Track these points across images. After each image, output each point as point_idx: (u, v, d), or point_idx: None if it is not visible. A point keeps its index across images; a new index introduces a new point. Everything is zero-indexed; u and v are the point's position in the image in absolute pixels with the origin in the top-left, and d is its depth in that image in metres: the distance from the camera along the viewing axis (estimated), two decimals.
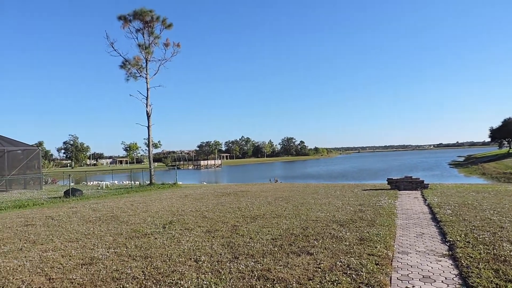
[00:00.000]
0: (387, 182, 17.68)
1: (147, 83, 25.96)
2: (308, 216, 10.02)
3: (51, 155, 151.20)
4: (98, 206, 14.47)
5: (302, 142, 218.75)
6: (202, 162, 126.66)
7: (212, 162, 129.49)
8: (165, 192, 20.22)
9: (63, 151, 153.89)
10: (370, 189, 17.18)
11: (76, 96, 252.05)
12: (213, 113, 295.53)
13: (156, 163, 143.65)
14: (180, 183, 26.93)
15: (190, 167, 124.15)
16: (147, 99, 25.96)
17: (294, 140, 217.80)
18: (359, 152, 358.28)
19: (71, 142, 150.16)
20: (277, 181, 35.55)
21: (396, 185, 17.13)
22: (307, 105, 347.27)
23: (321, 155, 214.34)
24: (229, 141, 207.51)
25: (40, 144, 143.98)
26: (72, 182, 32.46)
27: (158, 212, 11.93)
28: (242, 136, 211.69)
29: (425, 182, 16.92)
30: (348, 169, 74.75)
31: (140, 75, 25.99)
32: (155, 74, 26.99)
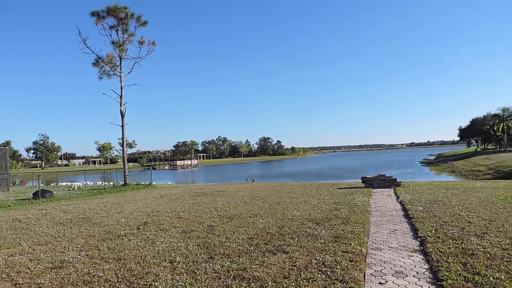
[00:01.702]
0: (361, 180, 18.00)
1: (121, 81, 25.35)
2: (284, 215, 10.06)
3: (20, 155, 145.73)
4: (69, 208, 14.05)
5: (279, 141, 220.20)
6: (178, 162, 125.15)
7: (189, 162, 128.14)
8: (139, 193, 19.86)
9: (32, 151, 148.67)
10: (345, 188, 17.45)
11: (47, 93, 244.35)
12: (190, 112, 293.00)
13: (131, 163, 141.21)
14: (156, 183, 26.53)
15: (166, 167, 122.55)
16: (121, 98, 25.35)
17: (271, 140, 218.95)
18: (334, 151, 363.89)
19: (41, 142, 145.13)
20: (254, 180, 35.59)
21: (370, 183, 17.47)
22: (285, 106, 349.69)
23: (298, 155, 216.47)
24: (205, 141, 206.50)
25: (7, 143, 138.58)
26: (42, 183, 31.48)
27: (133, 213, 11.70)
28: (219, 136, 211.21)
29: (397, 180, 17.34)
30: (324, 168, 75.79)
31: (114, 73, 25.38)
32: (129, 72, 26.49)
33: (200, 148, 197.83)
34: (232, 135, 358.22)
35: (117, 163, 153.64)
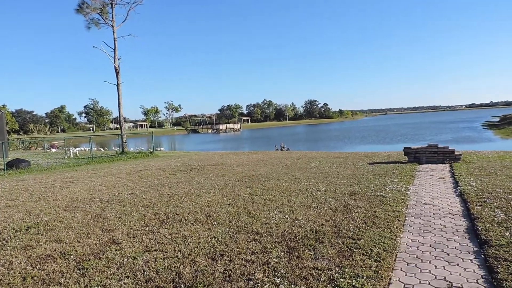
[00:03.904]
0: (403, 152, 13.21)
1: (114, 32, 21.53)
2: (252, 219, 5.95)
3: (74, 119, 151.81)
4: (17, 184, 10.93)
5: (325, 104, 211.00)
6: (220, 126, 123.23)
7: (231, 126, 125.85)
8: (127, 164, 16.55)
9: (84, 115, 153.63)
10: (380, 163, 12.80)
11: (95, 59, 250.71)
12: (235, 75, 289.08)
13: (175, 127, 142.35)
14: (162, 149, 23.29)
15: (209, 131, 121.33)
16: (114, 52, 21.60)
17: (317, 103, 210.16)
18: (386, 114, 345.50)
19: (91, 106, 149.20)
20: (283, 148, 31.30)
21: (415, 156, 12.67)
22: (332, 66, 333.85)
23: (346, 118, 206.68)
24: (250, 104, 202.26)
25: (62, 108, 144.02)
26: (74, 148, 29.44)
27: (63, 200, 8.17)
28: (264, 99, 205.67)
29: (456, 152, 12.38)
30: (366, 132, 68.95)
31: (105, 23, 21.63)
32: (123, 21, 22.27)
33: (245, 112, 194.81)
34: (278, 98, 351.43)
35: (163, 127, 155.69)
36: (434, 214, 5.94)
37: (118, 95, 21.69)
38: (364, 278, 3.63)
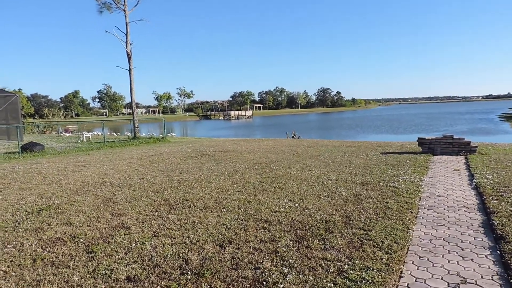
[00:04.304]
0: (417, 142, 12.96)
1: (125, 16, 21.46)
2: (262, 207, 5.89)
3: (88, 103, 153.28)
4: (31, 167, 11.10)
5: (338, 92, 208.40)
6: (232, 113, 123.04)
7: (243, 113, 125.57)
8: (139, 149, 16.64)
9: (97, 100, 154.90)
10: (393, 153, 12.59)
11: (108, 44, 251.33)
12: (248, 62, 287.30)
13: (187, 113, 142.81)
14: (174, 134, 23.33)
15: (221, 118, 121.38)
16: (126, 37, 21.54)
17: (330, 91, 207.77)
18: (400, 103, 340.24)
19: (105, 91, 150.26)
20: (294, 136, 31.13)
21: (430, 147, 12.42)
22: (345, 53, 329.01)
23: (359, 106, 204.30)
24: (262, 91, 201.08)
25: (76, 93, 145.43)
26: (87, 132, 29.80)
27: (74, 184, 8.25)
28: (277, 87, 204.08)
29: (472, 144, 12.09)
30: (379, 121, 68.01)
31: (117, 7, 21.54)
32: (135, 5, 22.10)
33: (257, 99, 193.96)
34: (290, 86, 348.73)
35: (175, 113, 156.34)
36: (448, 206, 5.79)
37: (130, 80, 21.72)
38: (375, 270, 3.55)
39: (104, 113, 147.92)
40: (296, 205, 5.95)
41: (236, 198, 6.52)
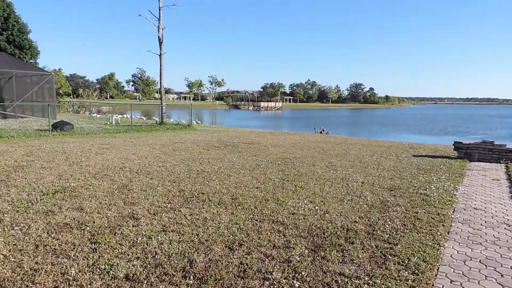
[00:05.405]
0: (453, 146, 12.15)
1: (159, 0, 21.44)
2: (279, 207, 5.54)
3: (123, 86, 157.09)
4: (57, 146, 11.27)
5: (371, 89, 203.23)
6: (262, 104, 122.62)
7: (273, 104, 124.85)
8: (164, 135, 16.59)
9: (131, 83, 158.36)
10: (426, 156, 11.87)
11: (146, 33, 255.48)
12: (281, 54, 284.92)
13: (217, 102, 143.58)
14: (199, 122, 23.18)
15: (250, 108, 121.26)
16: (159, 21, 21.44)
17: (363, 87, 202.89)
18: (435, 103, 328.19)
19: (139, 75, 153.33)
20: (322, 131, 30.37)
21: (467, 152, 11.61)
22: (380, 49, 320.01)
23: (392, 104, 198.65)
24: (293, 83, 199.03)
25: (112, 75, 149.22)
26: (120, 115, 30.32)
27: (94, 166, 8.19)
28: (308, 80, 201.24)
29: None
30: (415, 121, 65.62)
31: None
32: None
33: (287, 91, 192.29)
34: (322, 80, 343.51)
35: (206, 100, 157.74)
36: (486, 222, 5.23)
37: (160, 65, 21.70)
38: None
39: (137, 97, 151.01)
40: (316, 208, 5.55)
41: (253, 195, 6.19)
